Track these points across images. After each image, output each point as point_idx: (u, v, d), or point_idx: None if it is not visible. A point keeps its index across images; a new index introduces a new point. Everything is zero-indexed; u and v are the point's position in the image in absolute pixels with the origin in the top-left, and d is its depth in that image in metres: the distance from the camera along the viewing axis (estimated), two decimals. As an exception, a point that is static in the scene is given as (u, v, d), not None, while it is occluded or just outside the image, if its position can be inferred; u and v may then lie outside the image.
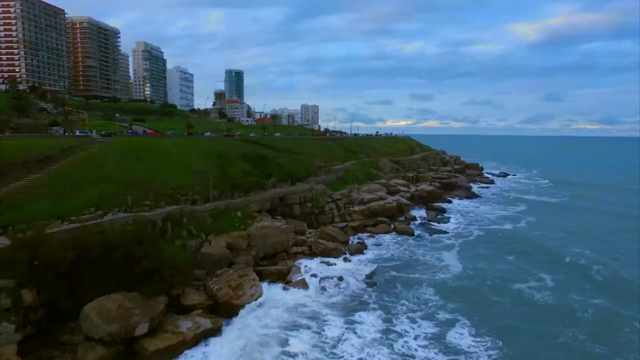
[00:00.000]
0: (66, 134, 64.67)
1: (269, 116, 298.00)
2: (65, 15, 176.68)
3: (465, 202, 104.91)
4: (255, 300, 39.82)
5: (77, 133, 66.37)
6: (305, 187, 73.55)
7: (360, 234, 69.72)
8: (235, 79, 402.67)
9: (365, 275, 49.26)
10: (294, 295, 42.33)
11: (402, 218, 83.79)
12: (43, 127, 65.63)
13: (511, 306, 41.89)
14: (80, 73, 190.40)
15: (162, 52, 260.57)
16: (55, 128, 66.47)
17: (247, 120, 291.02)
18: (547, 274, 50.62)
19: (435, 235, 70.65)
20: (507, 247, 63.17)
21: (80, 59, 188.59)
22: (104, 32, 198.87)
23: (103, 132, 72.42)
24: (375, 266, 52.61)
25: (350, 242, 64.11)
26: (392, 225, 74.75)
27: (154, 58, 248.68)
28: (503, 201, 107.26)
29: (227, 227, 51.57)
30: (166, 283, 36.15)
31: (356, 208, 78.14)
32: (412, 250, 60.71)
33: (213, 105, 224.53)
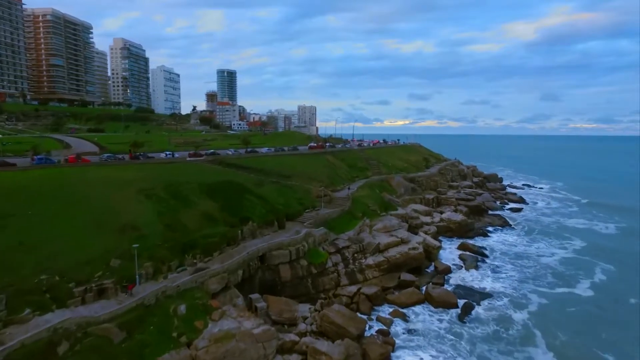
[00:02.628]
0: None
1: (262, 119, 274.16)
2: (24, 7, 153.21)
3: (505, 235, 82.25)
4: None
5: None
6: (298, 236, 50.72)
7: (379, 309, 47.23)
8: (228, 79, 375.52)
9: None
10: None
11: (431, 268, 61.78)
12: None
13: None
14: (44, 73, 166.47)
15: (144, 50, 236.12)
16: None
17: (239, 124, 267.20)
18: None
19: (487, 304, 49.20)
20: (616, 341, 40.59)
21: (43, 56, 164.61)
22: (72, 27, 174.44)
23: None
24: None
25: (367, 329, 41.50)
26: (424, 289, 52.27)
27: (134, 57, 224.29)
28: (550, 232, 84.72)
29: (155, 346, 28.62)
30: None
31: (370, 260, 55.50)
32: (480, 353, 37.62)
33: (193, 110, 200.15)
